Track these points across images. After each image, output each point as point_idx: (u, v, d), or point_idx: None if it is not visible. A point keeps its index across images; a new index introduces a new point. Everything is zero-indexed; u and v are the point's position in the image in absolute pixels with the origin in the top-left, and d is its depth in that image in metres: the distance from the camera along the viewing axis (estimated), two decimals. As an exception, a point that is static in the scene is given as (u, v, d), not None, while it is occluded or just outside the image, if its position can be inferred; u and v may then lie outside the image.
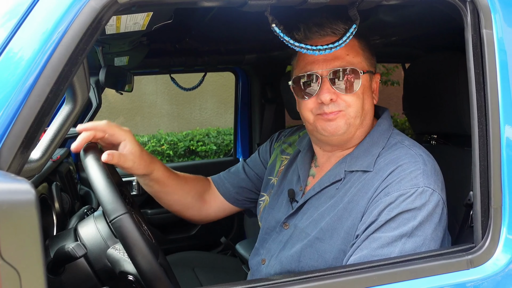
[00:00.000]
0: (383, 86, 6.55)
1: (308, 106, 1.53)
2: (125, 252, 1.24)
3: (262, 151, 2.00)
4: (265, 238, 1.71)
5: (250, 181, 1.94)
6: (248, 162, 2.00)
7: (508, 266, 1.19)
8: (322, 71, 1.49)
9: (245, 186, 1.94)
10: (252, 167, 1.97)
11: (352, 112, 1.50)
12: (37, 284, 0.70)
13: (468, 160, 1.30)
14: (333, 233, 1.44)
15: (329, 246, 1.44)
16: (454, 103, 1.70)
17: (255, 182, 1.94)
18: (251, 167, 1.97)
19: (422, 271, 1.16)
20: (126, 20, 1.36)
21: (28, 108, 0.90)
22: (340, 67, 1.48)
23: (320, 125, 1.51)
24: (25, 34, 0.96)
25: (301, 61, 1.56)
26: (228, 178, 1.96)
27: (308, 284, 1.09)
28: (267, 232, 1.72)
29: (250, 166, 1.98)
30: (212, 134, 6.62)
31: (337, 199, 1.49)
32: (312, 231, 1.50)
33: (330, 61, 1.49)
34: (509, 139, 1.24)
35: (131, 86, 2.36)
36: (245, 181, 1.94)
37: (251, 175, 1.95)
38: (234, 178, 1.96)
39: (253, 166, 1.97)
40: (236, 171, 1.99)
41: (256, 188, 1.94)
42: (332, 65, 1.49)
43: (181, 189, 1.82)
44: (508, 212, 1.21)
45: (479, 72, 1.23)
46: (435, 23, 1.86)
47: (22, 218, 0.71)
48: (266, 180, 1.87)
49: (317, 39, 1.52)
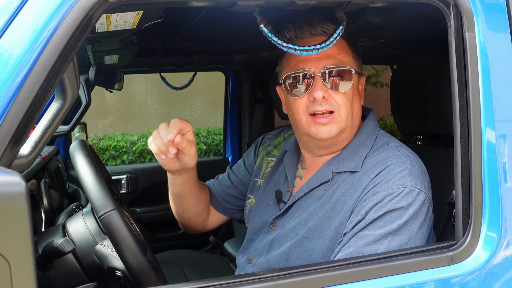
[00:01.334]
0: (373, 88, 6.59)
1: (301, 105, 1.53)
2: (113, 248, 1.25)
3: (247, 157, 2.00)
4: (253, 238, 1.73)
5: (235, 188, 1.95)
6: (234, 169, 2.00)
7: (488, 262, 1.22)
8: (315, 69, 1.50)
9: (231, 193, 1.94)
10: (237, 174, 1.97)
11: (343, 114, 1.51)
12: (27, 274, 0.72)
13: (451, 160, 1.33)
14: (321, 232, 1.46)
15: (317, 245, 1.46)
16: (439, 104, 1.73)
17: (241, 188, 1.94)
18: (236, 174, 1.97)
19: (405, 267, 1.18)
20: (116, 18, 1.37)
21: (18, 103, 0.91)
22: (332, 65, 1.50)
23: (314, 129, 1.52)
24: (16, 31, 0.97)
25: (292, 60, 1.57)
26: (217, 186, 1.97)
27: (293, 279, 1.11)
28: (254, 232, 1.73)
29: (235, 173, 1.98)
30: (202, 134, 6.61)
31: (325, 199, 1.51)
32: (300, 231, 1.51)
33: (322, 59, 1.50)
34: (490, 140, 1.27)
35: (121, 85, 2.37)
36: (231, 189, 1.95)
37: (236, 182, 1.95)
38: (221, 186, 1.96)
39: (238, 173, 1.97)
40: (222, 179, 1.99)
41: (242, 194, 1.94)
42: (325, 63, 1.50)
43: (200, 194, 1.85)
44: (488, 210, 1.24)
45: (461, 73, 1.26)
46: (422, 25, 1.89)
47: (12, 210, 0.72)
48: (252, 183, 1.88)
49: (308, 38, 1.53)
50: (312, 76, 1.50)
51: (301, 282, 1.11)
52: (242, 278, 1.10)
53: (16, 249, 0.73)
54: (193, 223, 1.92)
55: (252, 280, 1.09)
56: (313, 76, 1.50)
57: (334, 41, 1.37)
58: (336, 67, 1.50)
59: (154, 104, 7.72)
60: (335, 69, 1.50)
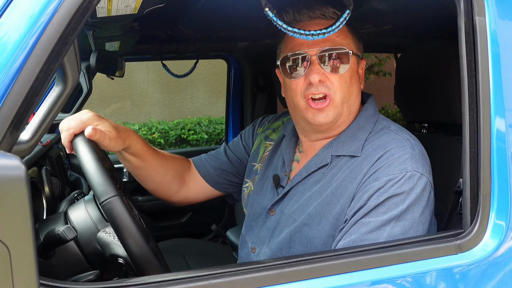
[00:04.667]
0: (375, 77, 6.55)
1: (298, 87, 1.52)
2: (115, 235, 1.24)
3: (244, 136, 1.98)
4: (252, 225, 1.71)
5: (231, 164, 1.93)
6: (230, 146, 1.99)
7: (496, 251, 1.21)
8: (312, 50, 1.48)
9: (226, 169, 1.92)
10: (234, 151, 1.95)
11: (339, 97, 1.49)
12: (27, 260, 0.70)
13: (457, 148, 1.31)
14: (321, 219, 1.45)
15: (318, 231, 1.45)
16: (445, 92, 1.71)
17: (236, 165, 1.93)
18: (232, 150, 1.96)
19: (411, 255, 1.17)
20: (118, 2, 1.34)
21: (18, 87, 0.89)
22: (329, 47, 1.48)
23: (310, 115, 1.51)
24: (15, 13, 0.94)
25: (290, 42, 1.55)
26: (209, 160, 1.94)
27: (298, 267, 1.09)
28: (253, 218, 1.71)
29: (231, 149, 1.96)
30: (204, 123, 6.60)
31: (324, 183, 1.50)
32: (299, 216, 1.50)
33: (320, 42, 1.48)
34: (499, 128, 1.25)
35: (122, 72, 2.34)
36: (226, 164, 1.93)
37: (232, 158, 1.94)
38: (215, 161, 1.94)
39: (235, 150, 1.96)
40: (218, 153, 1.97)
41: (237, 172, 1.92)
42: (321, 45, 1.48)
43: (159, 166, 1.79)
44: (497, 198, 1.23)
45: (471, 59, 1.24)
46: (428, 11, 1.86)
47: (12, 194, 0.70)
48: (249, 167, 1.87)
49: (306, 21, 1.52)
50: (309, 58, 1.48)
51: (306, 270, 1.09)
52: (246, 266, 1.09)
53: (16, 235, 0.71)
54: (165, 194, 1.87)
55: (257, 268, 1.08)
56: (310, 58, 1.48)
57: (341, 25, 1.35)
58: (333, 49, 1.48)
59: (156, 93, 7.69)
60: (332, 52, 1.48)
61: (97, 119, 1.53)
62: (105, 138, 1.51)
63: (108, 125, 1.56)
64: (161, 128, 6.38)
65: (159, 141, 6.24)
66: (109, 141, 1.53)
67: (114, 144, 1.56)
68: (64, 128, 1.47)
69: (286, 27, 1.31)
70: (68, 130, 1.46)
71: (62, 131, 1.48)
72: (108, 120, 1.58)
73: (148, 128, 6.36)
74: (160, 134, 6.32)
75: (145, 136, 6.19)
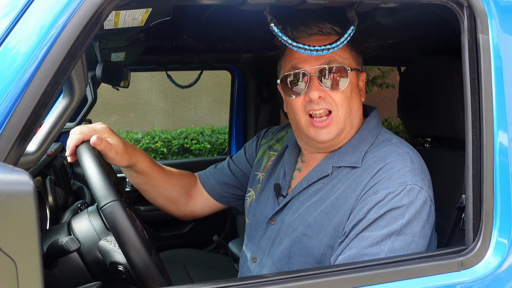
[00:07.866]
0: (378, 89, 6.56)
1: (299, 104, 1.52)
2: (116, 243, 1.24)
3: (248, 148, 2.00)
4: (253, 234, 1.72)
5: (235, 177, 1.94)
6: (234, 159, 2.00)
7: (498, 268, 1.20)
8: (310, 68, 1.49)
9: (230, 183, 1.94)
10: (237, 164, 1.97)
11: (341, 113, 1.50)
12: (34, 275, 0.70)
13: (460, 163, 1.31)
14: (320, 230, 1.45)
15: (317, 242, 1.45)
16: (448, 106, 1.71)
17: (240, 178, 1.94)
18: (236, 163, 1.97)
19: (413, 271, 1.17)
20: (125, 15, 1.36)
21: (26, 100, 0.90)
22: (328, 64, 1.49)
23: (313, 132, 1.52)
24: (25, 27, 0.96)
25: (289, 59, 1.57)
26: (214, 174, 1.96)
27: (300, 282, 1.09)
28: (254, 228, 1.72)
29: (235, 162, 1.98)
30: (207, 133, 6.61)
31: (324, 194, 1.50)
32: (298, 226, 1.50)
33: (318, 59, 1.49)
34: (502, 144, 1.25)
35: (127, 82, 2.36)
36: (230, 178, 1.94)
37: (236, 171, 1.95)
38: (219, 175, 1.96)
39: (238, 163, 1.97)
40: (222, 167, 1.99)
41: (241, 185, 1.94)
42: (320, 63, 1.49)
43: (166, 182, 1.82)
44: (500, 215, 1.23)
45: (474, 76, 1.24)
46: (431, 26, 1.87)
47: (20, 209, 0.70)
48: (252, 176, 1.87)
49: (304, 38, 1.52)
50: (308, 75, 1.49)
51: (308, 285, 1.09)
52: (248, 280, 1.09)
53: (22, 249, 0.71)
54: (172, 209, 1.91)
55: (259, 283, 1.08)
56: (309, 76, 1.49)
57: (345, 41, 1.36)
58: (332, 66, 1.49)
59: (159, 102, 7.71)
60: (331, 68, 1.49)
61: (108, 132, 1.60)
62: (111, 150, 1.54)
63: (117, 139, 1.61)
64: (164, 137, 6.39)
65: (162, 150, 6.25)
66: (115, 155, 1.56)
67: (120, 158, 1.60)
68: (75, 132, 1.51)
69: (291, 42, 1.32)
70: (78, 134, 1.49)
71: (72, 133, 1.51)
72: (119, 136, 1.64)
73: (151, 137, 6.37)
74: (163, 143, 6.33)
75: (148, 145, 6.20)
